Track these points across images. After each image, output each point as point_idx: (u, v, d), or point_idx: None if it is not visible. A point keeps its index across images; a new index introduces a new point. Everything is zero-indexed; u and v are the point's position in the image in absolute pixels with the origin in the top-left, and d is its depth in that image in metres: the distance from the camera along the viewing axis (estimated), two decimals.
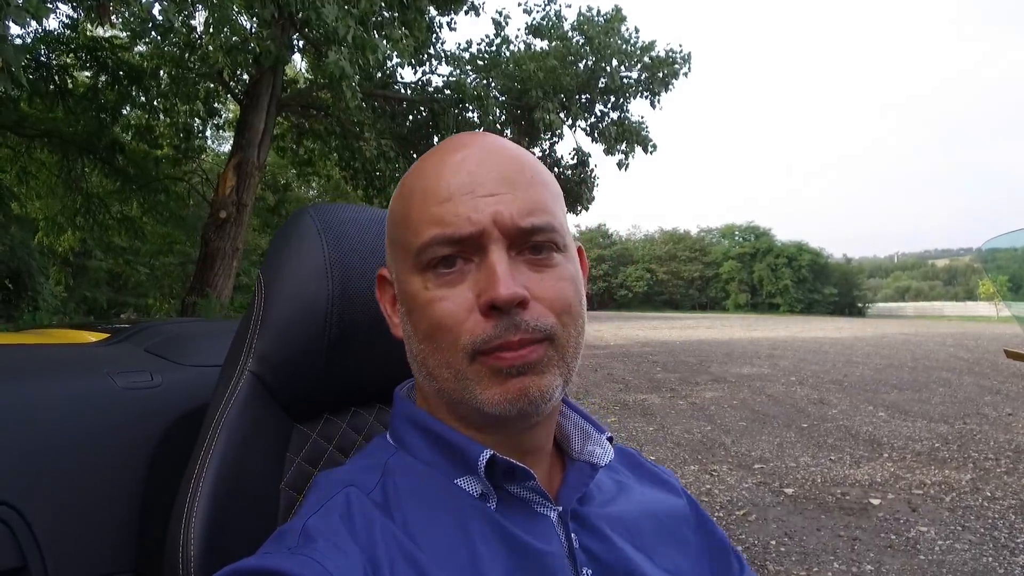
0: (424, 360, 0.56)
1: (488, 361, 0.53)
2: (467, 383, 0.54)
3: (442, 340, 0.54)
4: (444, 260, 0.54)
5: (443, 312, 0.54)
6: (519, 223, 0.54)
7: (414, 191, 0.58)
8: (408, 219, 0.57)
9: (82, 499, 0.72)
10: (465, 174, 0.55)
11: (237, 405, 0.67)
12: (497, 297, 0.51)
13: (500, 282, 0.52)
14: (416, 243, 0.55)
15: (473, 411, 0.55)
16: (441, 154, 0.58)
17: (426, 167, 0.58)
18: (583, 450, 0.64)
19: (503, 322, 0.52)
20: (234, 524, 0.63)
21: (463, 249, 0.54)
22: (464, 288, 0.54)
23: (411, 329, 0.58)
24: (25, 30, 8.51)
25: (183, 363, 0.91)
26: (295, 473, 0.71)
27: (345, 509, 0.53)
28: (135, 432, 0.78)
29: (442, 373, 0.55)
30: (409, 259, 0.56)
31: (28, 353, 0.90)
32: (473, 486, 0.57)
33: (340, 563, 0.47)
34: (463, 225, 0.53)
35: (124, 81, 10.11)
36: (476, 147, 0.58)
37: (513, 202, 0.55)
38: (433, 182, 0.56)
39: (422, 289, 0.55)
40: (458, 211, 0.54)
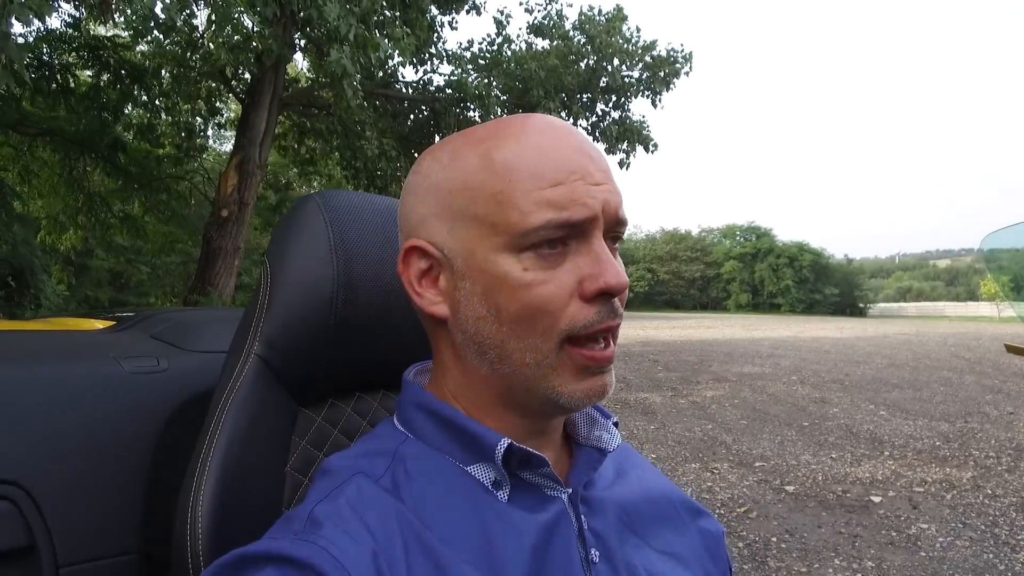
0: (502, 343, 0.55)
1: (576, 355, 0.54)
2: (549, 374, 0.54)
3: (538, 324, 0.53)
4: (549, 241, 0.53)
5: (546, 295, 0.53)
6: (619, 215, 0.56)
7: (512, 165, 0.54)
8: (509, 198, 0.54)
9: (90, 481, 0.72)
10: (574, 160, 0.54)
11: (244, 388, 0.67)
12: (611, 285, 0.53)
13: (610, 268, 0.53)
14: (523, 225, 0.53)
15: (544, 400, 0.55)
16: (532, 130, 0.56)
17: (520, 142, 0.55)
18: (590, 435, 0.65)
19: (606, 308, 0.53)
20: (240, 506, 0.63)
21: (572, 234, 0.54)
22: (563, 273, 0.53)
23: (486, 310, 0.55)
24: (28, 28, 8.52)
25: (189, 349, 0.92)
26: (300, 456, 0.72)
27: (354, 495, 0.52)
28: (142, 416, 0.78)
29: (523, 358, 0.54)
30: (503, 238, 0.54)
31: (37, 338, 0.91)
32: (485, 473, 0.57)
33: (347, 549, 0.47)
34: (579, 211, 0.53)
35: (126, 80, 10.14)
36: (570, 131, 0.57)
37: (614, 193, 0.56)
38: (537, 160, 0.54)
39: (519, 270, 0.53)
40: (574, 196, 0.53)
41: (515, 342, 0.54)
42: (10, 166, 10.75)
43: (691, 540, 0.68)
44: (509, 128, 0.57)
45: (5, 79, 3.96)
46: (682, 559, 0.64)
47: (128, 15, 8.24)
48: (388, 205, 0.78)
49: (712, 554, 0.69)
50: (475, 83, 11.96)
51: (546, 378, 0.54)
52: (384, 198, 0.80)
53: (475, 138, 0.58)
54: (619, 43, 12.82)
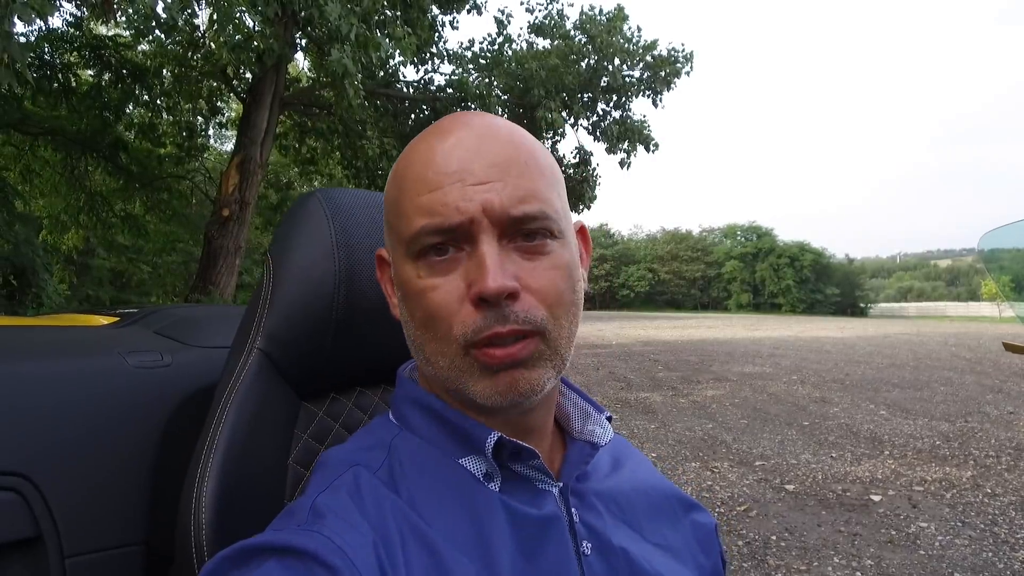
0: (422, 346, 0.56)
1: (479, 356, 0.53)
2: (460, 375, 0.54)
3: (437, 329, 0.54)
4: (435, 248, 0.54)
5: (436, 302, 0.54)
6: (510, 212, 0.53)
7: (405, 177, 0.57)
8: (399, 206, 0.56)
9: (95, 473, 0.73)
10: (455, 161, 0.54)
11: (246, 381, 0.68)
12: (485, 290, 0.51)
13: (489, 274, 0.51)
14: (407, 232, 0.55)
15: (466, 400, 0.56)
16: (431, 139, 0.57)
17: (417, 152, 0.57)
18: (583, 429, 0.65)
19: (493, 313, 0.52)
20: (243, 498, 0.64)
21: (454, 238, 0.53)
22: (455, 277, 0.53)
23: (407, 315, 0.58)
24: (30, 28, 8.54)
25: (193, 344, 0.93)
26: (302, 449, 0.73)
27: (353, 487, 0.53)
28: (146, 409, 0.79)
29: (439, 361, 0.55)
30: (401, 246, 0.56)
31: (41, 334, 0.92)
32: (477, 466, 0.57)
33: (350, 538, 0.47)
34: (452, 215, 0.52)
35: (127, 79, 10.14)
36: (469, 130, 0.56)
37: (504, 189, 0.53)
38: (422, 169, 0.55)
39: (415, 277, 0.55)
40: (447, 200, 0.53)
41: (428, 345, 0.56)
42: (12, 165, 10.76)
43: (684, 533, 0.68)
44: (421, 135, 0.59)
45: (7, 78, 3.97)
46: (675, 551, 0.65)
47: (129, 14, 8.25)
48: None
49: (704, 546, 0.70)
50: (476, 83, 11.98)
51: (460, 379, 0.55)
52: (383, 195, 0.81)
53: (403, 150, 0.61)
54: (620, 43, 12.82)
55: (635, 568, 0.58)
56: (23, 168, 10.88)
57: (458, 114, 0.59)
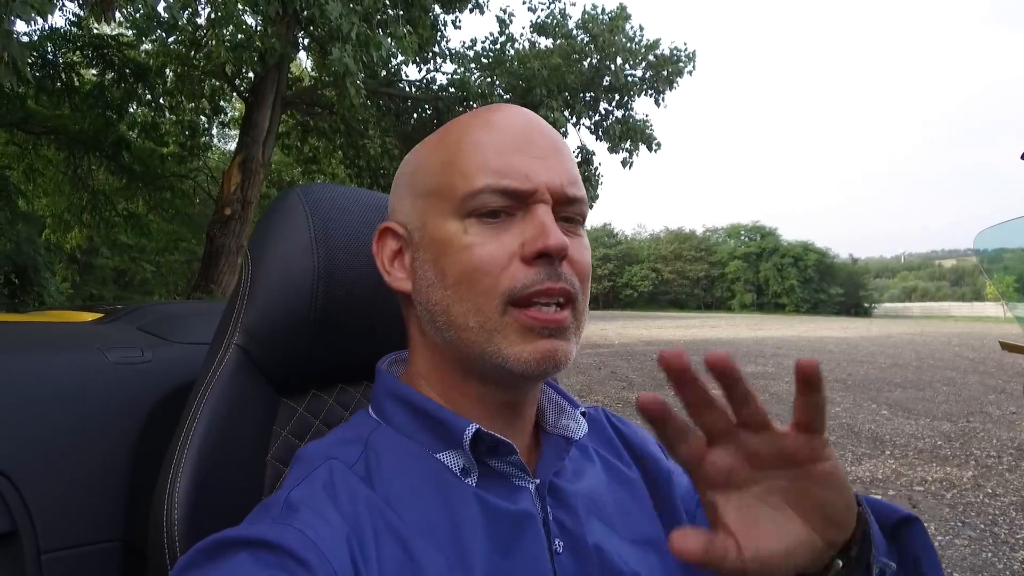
0: (447, 308, 0.56)
1: (521, 316, 0.54)
2: (493, 336, 0.54)
3: (478, 284, 0.54)
4: (490, 212, 0.55)
5: (484, 255, 0.54)
6: (567, 190, 0.56)
7: (462, 140, 0.58)
8: (454, 165, 0.57)
9: (73, 468, 0.73)
10: (520, 133, 0.57)
11: (223, 378, 0.68)
12: (549, 244, 0.53)
13: (552, 231, 0.53)
14: (465, 188, 0.55)
15: (492, 367, 0.55)
16: (487, 114, 0.59)
17: (473, 122, 0.59)
18: (557, 423, 0.65)
19: (546, 270, 0.53)
20: (218, 494, 0.64)
21: (511, 204, 0.55)
22: (507, 236, 0.55)
23: (434, 276, 0.57)
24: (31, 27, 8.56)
25: (174, 340, 0.93)
26: (282, 446, 0.72)
27: (328, 481, 0.53)
28: (125, 405, 0.79)
29: (467, 321, 0.55)
30: (449, 204, 0.56)
31: (22, 329, 0.92)
32: (455, 460, 0.57)
33: (323, 532, 0.47)
34: (520, 180, 0.55)
35: (130, 79, 10.16)
36: (523, 113, 0.59)
37: (562, 169, 0.57)
38: (486, 135, 0.57)
39: (461, 233, 0.55)
40: (515, 166, 0.55)
41: (458, 305, 0.55)
42: (15, 164, 10.79)
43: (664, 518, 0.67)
44: (471, 113, 0.60)
45: (8, 77, 3.97)
46: (654, 542, 0.64)
47: (129, 13, 8.27)
48: (370, 198, 0.78)
49: (687, 503, 0.70)
50: (478, 82, 11.98)
51: (491, 341, 0.54)
52: (366, 191, 0.80)
53: (442, 129, 0.61)
54: (622, 42, 12.79)
55: (608, 567, 0.58)
56: (26, 167, 10.90)
57: (502, 104, 0.62)
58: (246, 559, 0.45)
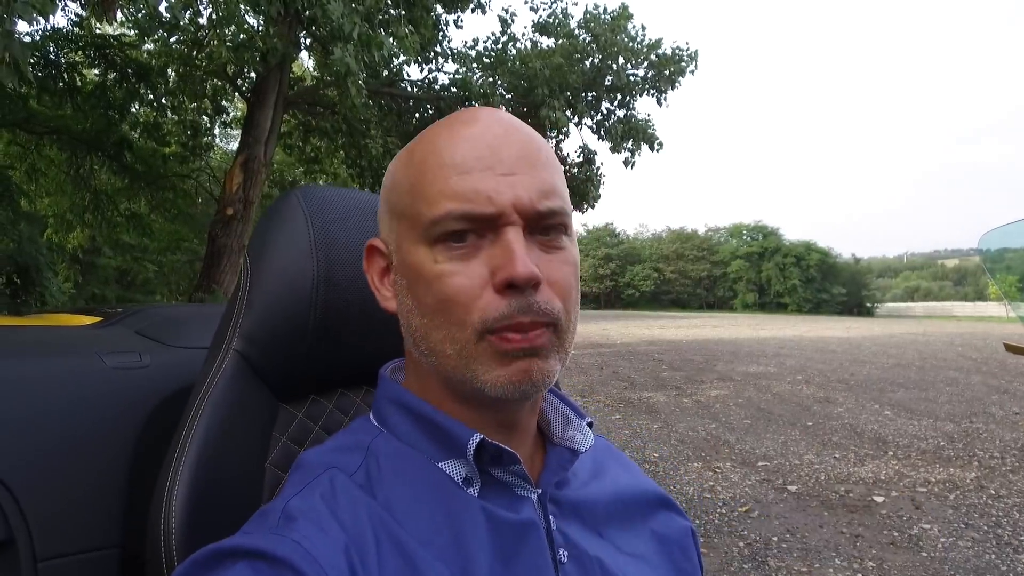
0: (425, 335, 0.55)
1: (495, 342, 0.52)
2: (470, 362, 0.53)
3: (451, 315, 0.53)
4: (454, 235, 0.53)
5: (456, 287, 0.52)
6: (537, 206, 0.54)
7: (426, 160, 0.55)
8: (419, 189, 0.55)
9: (70, 475, 0.72)
10: (484, 148, 0.54)
11: (221, 383, 0.67)
12: (516, 275, 0.51)
13: (519, 261, 0.51)
14: (429, 215, 0.53)
15: (472, 391, 0.54)
16: (455, 125, 0.57)
17: (439, 137, 0.56)
18: (564, 435, 0.64)
19: (517, 301, 0.52)
20: (217, 500, 0.63)
21: (478, 227, 0.53)
22: (477, 264, 0.53)
23: (412, 303, 0.56)
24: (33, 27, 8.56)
25: (173, 345, 0.92)
26: (281, 452, 0.71)
27: (328, 490, 0.52)
28: (123, 411, 0.78)
29: (444, 349, 0.54)
30: (416, 230, 0.55)
31: (20, 333, 0.91)
32: (457, 470, 0.57)
33: (320, 543, 0.46)
34: (483, 204, 0.52)
35: (132, 79, 10.14)
36: (492, 122, 0.56)
37: (531, 184, 0.54)
38: (448, 153, 0.54)
39: (430, 262, 0.54)
40: (477, 188, 0.52)
41: (435, 332, 0.54)
42: (17, 164, 10.80)
43: (659, 540, 0.67)
44: (441, 123, 0.58)
45: (10, 77, 3.97)
46: (650, 561, 0.64)
47: (130, 13, 8.27)
48: (369, 201, 0.78)
49: (682, 550, 0.69)
50: (480, 82, 11.95)
51: (468, 367, 0.53)
52: (366, 193, 0.80)
53: (412, 141, 0.59)
54: (624, 41, 12.77)
55: None
56: (28, 167, 10.91)
57: (475, 108, 0.59)
58: (243, 570, 0.44)
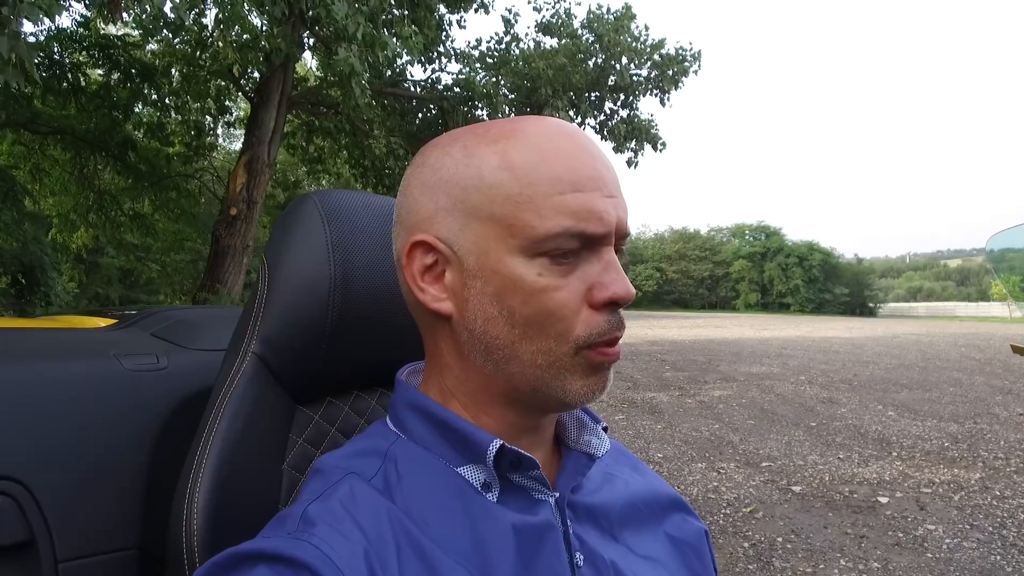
0: (512, 345, 0.55)
1: (592, 356, 0.55)
2: (561, 373, 0.55)
3: (551, 329, 0.54)
4: (563, 253, 0.54)
5: (559, 302, 0.54)
6: (627, 229, 0.57)
7: (534, 170, 0.53)
8: (526, 199, 0.53)
9: (89, 477, 0.73)
10: (592, 168, 0.55)
11: (240, 386, 0.68)
12: (620, 296, 0.54)
13: (624, 281, 0.54)
14: (541, 228, 0.52)
15: (547, 398, 0.57)
16: (551, 135, 0.55)
17: (543, 147, 0.55)
18: (579, 439, 0.65)
19: (614, 318, 0.55)
20: (236, 502, 0.64)
21: (583, 245, 0.54)
22: (575, 279, 0.54)
23: (497, 312, 0.55)
24: (39, 28, 8.58)
25: (189, 347, 0.92)
26: (298, 454, 0.72)
27: (347, 495, 0.53)
28: (141, 413, 0.79)
29: (536, 360, 0.55)
30: (518, 240, 0.53)
31: (38, 336, 0.92)
32: (475, 475, 0.57)
33: (340, 547, 0.47)
34: (597, 225, 0.54)
35: (136, 79, 10.18)
36: (586, 138, 0.57)
37: (624, 206, 0.57)
38: (559, 166, 0.54)
39: (532, 274, 0.53)
40: (592, 208, 0.53)
41: (526, 344, 0.55)
42: (21, 164, 10.84)
43: (673, 543, 0.68)
44: (525, 129, 0.56)
45: (15, 78, 3.98)
46: (665, 563, 0.65)
47: (136, 14, 8.28)
48: (385, 204, 0.78)
49: (696, 552, 0.69)
50: (483, 82, 11.95)
51: (558, 377, 0.55)
52: (382, 197, 0.80)
53: (490, 136, 0.56)
54: (627, 41, 12.77)
55: None
56: (33, 167, 10.95)
57: (555, 120, 0.58)
58: (264, 572, 0.44)
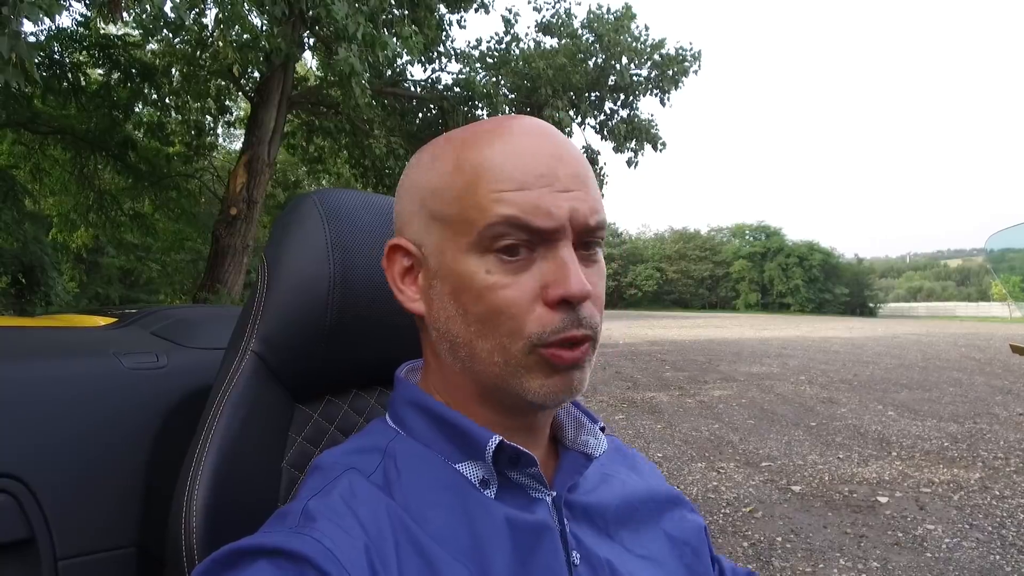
0: (470, 342, 0.56)
1: (547, 356, 0.54)
2: (518, 371, 0.54)
3: (502, 326, 0.54)
4: (509, 248, 0.53)
5: (507, 299, 0.53)
6: (588, 222, 0.55)
7: (480, 167, 0.54)
8: (471, 196, 0.54)
9: (88, 475, 0.73)
10: (542, 164, 0.54)
11: (240, 384, 0.68)
12: (572, 293, 0.52)
13: (575, 278, 0.52)
14: (482, 222, 0.53)
15: (512, 398, 0.56)
16: (505, 136, 0.56)
17: (492, 145, 0.55)
18: (576, 439, 0.65)
19: (569, 316, 0.53)
20: (236, 500, 0.64)
21: (532, 241, 0.54)
22: (527, 277, 0.54)
23: (454, 310, 0.56)
24: (39, 27, 8.58)
25: (189, 345, 0.93)
26: (297, 452, 0.72)
27: (347, 490, 0.53)
28: (140, 411, 0.79)
29: (492, 358, 0.55)
30: (467, 237, 0.54)
31: (37, 334, 0.92)
32: (474, 471, 0.57)
33: (341, 542, 0.47)
34: (542, 218, 0.53)
35: (136, 78, 10.19)
36: (545, 136, 0.57)
37: (585, 200, 0.55)
38: (503, 162, 0.54)
39: (482, 272, 0.54)
40: (538, 203, 0.53)
41: (482, 342, 0.55)
42: (21, 164, 10.84)
43: (671, 542, 0.68)
44: (487, 130, 0.58)
45: (16, 77, 3.99)
46: (662, 562, 0.65)
47: (137, 14, 8.29)
48: (384, 204, 0.78)
49: (694, 547, 0.69)
50: (483, 82, 11.96)
51: (515, 375, 0.55)
52: (381, 197, 0.80)
53: (455, 140, 0.59)
54: (628, 41, 12.78)
55: None
56: (33, 167, 10.95)
57: (516, 117, 0.59)
58: (265, 567, 0.45)
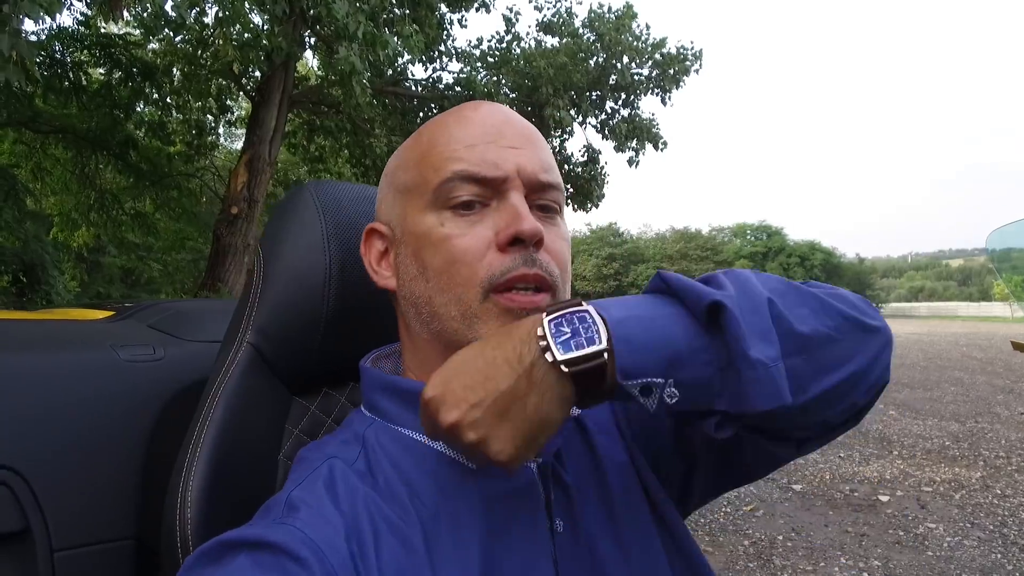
0: (430, 299, 0.57)
1: (501, 300, 0.54)
2: (474, 322, 0.55)
3: (457, 275, 0.55)
4: (463, 204, 0.56)
5: (462, 246, 0.55)
6: (539, 176, 0.58)
7: (435, 137, 0.60)
8: (427, 159, 0.59)
9: (85, 466, 0.73)
10: (490, 126, 0.58)
11: (235, 376, 0.68)
12: (521, 230, 0.54)
13: (524, 217, 0.55)
14: (436, 179, 0.57)
15: None
16: (461, 111, 0.61)
17: (446, 120, 0.61)
18: None
19: (521, 255, 0.55)
20: (231, 492, 0.64)
21: (483, 193, 0.56)
22: (482, 227, 0.56)
23: (416, 269, 0.58)
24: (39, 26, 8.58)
25: (186, 338, 0.93)
26: (293, 444, 0.72)
27: (328, 479, 0.54)
28: (137, 403, 0.79)
29: (449, 311, 0.56)
30: (423, 198, 0.58)
31: (34, 327, 0.92)
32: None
33: (322, 530, 0.48)
34: (489, 169, 0.56)
35: (137, 78, 10.17)
36: (494, 109, 0.61)
37: (533, 157, 0.58)
38: (456, 130, 0.59)
39: (437, 226, 0.57)
40: (484, 157, 0.56)
41: (440, 296, 0.57)
42: (23, 163, 10.83)
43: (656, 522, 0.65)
44: (447, 111, 0.62)
45: (16, 76, 3.99)
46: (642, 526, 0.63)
47: (137, 12, 8.29)
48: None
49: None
50: (484, 81, 11.95)
51: (472, 327, 0.55)
52: (376, 189, 0.80)
53: (419, 129, 0.63)
54: (629, 40, 12.75)
55: (601, 549, 0.58)
56: (34, 166, 10.94)
57: (477, 101, 0.63)
58: (245, 561, 0.45)
